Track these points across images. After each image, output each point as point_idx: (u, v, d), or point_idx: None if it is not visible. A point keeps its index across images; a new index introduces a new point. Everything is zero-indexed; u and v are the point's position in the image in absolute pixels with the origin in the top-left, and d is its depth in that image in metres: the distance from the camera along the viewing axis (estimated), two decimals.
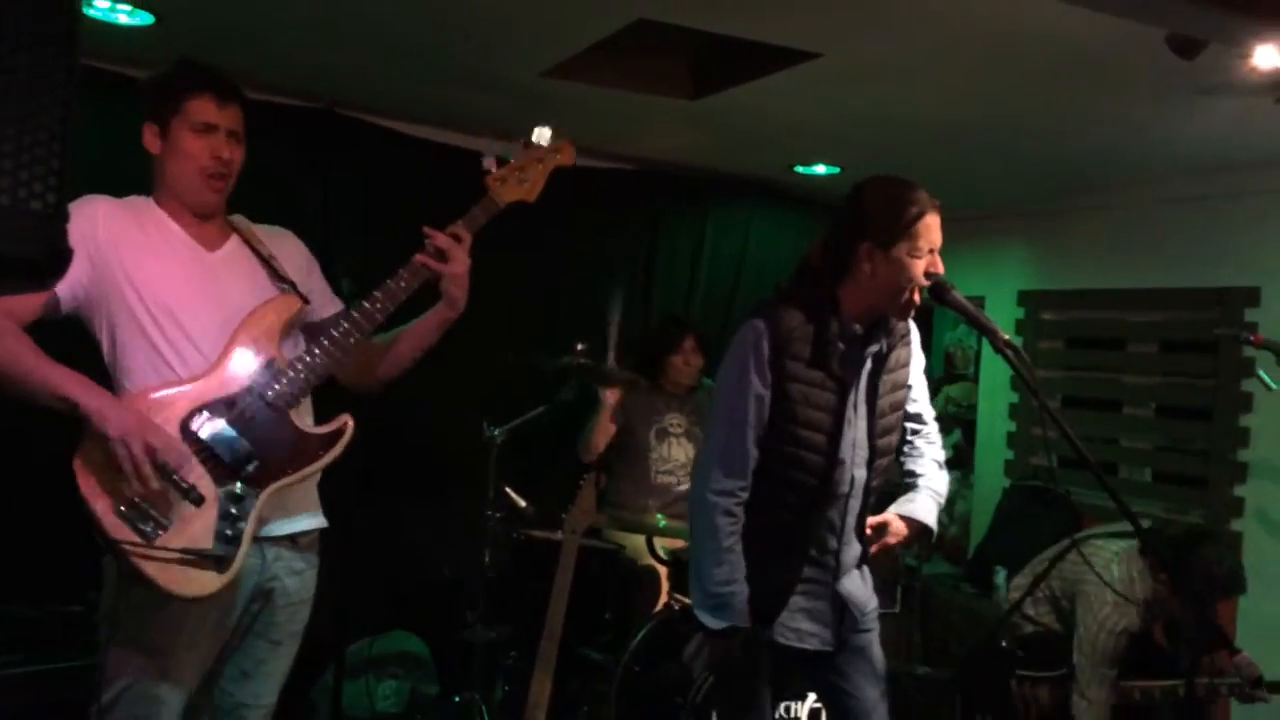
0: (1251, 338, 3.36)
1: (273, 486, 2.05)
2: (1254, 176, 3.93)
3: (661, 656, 3.32)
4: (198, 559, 1.92)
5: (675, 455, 4.09)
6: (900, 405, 2.47)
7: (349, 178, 3.99)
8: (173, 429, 1.95)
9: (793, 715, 3.08)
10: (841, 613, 2.40)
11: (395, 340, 2.38)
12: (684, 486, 3.99)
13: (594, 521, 3.33)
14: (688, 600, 3.47)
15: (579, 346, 3.53)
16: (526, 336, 4.10)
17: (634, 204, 4.80)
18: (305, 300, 2.22)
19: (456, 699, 3.56)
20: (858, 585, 2.45)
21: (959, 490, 5.36)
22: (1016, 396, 4.90)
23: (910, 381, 2.49)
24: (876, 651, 2.48)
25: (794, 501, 2.30)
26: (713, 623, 2.25)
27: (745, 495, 2.26)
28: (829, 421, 2.28)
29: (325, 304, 2.38)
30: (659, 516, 3.57)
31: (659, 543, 3.68)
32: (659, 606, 3.49)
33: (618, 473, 4.11)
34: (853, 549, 2.41)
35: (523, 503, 3.50)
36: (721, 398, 2.32)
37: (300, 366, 2.09)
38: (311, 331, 2.28)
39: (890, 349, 2.39)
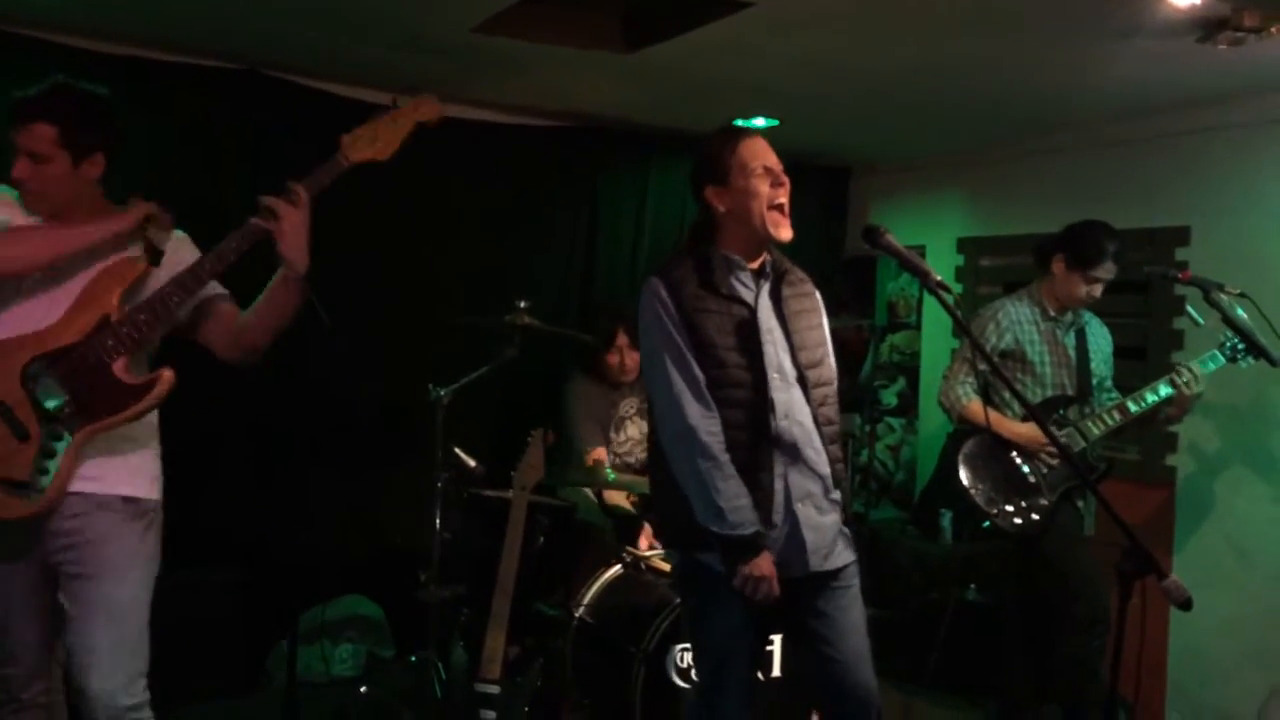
0: (1180, 275, 3.44)
1: (88, 429, 2.26)
2: (1181, 117, 4.00)
3: (614, 607, 3.36)
4: (11, 487, 2.22)
5: (631, 434, 4.11)
6: (823, 343, 2.56)
7: (277, 140, 3.93)
8: (14, 373, 2.23)
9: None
10: (805, 538, 2.40)
11: (253, 310, 2.46)
12: (640, 458, 4.00)
13: (543, 478, 3.34)
14: (638, 551, 3.51)
15: (521, 304, 3.51)
16: (469, 296, 4.08)
17: (574, 161, 4.77)
18: (151, 264, 2.32)
19: (413, 659, 3.57)
20: (826, 517, 2.45)
21: (904, 437, 5.45)
22: (957, 342, 4.98)
23: (822, 323, 2.59)
24: (854, 603, 2.50)
25: (739, 421, 2.36)
26: (745, 529, 2.29)
27: (714, 410, 2.35)
28: (745, 342, 2.39)
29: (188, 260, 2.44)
30: (608, 471, 3.60)
31: (617, 499, 3.71)
32: (610, 559, 3.52)
33: (576, 442, 4.08)
34: (806, 472, 2.43)
35: (472, 462, 3.49)
36: (652, 350, 2.42)
37: (127, 326, 2.27)
38: (196, 318, 2.46)
39: (781, 279, 2.49)
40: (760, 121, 4.60)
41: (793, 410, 2.42)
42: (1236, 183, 3.89)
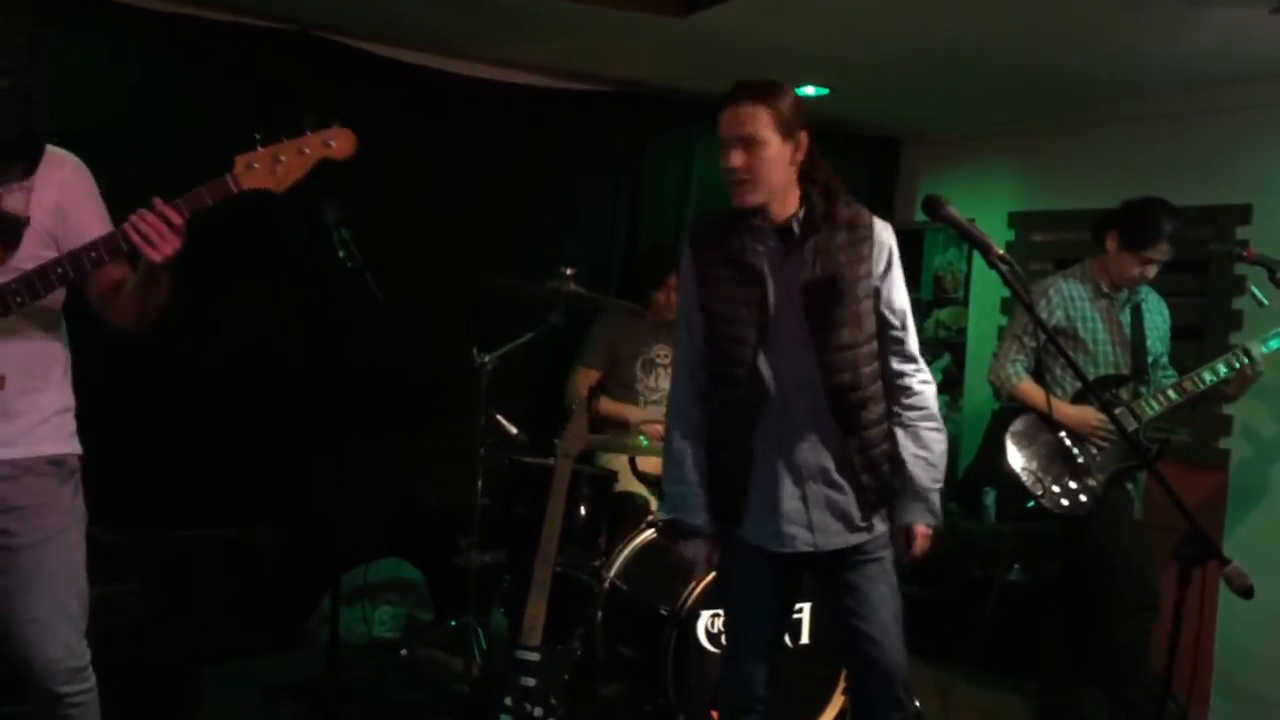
0: (1244, 253, 3.34)
1: None
2: (1246, 91, 3.88)
3: (644, 573, 3.35)
4: None
5: (662, 385, 4.08)
6: (855, 301, 2.33)
7: (325, 102, 3.90)
8: None
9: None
10: (823, 517, 2.35)
11: (125, 296, 2.25)
12: None
13: (586, 446, 3.33)
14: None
15: (567, 271, 3.49)
16: (514, 262, 4.06)
17: (620, 127, 4.73)
18: (6, 246, 2.09)
19: (453, 623, 3.59)
20: (838, 494, 2.37)
21: (948, 414, 5.39)
22: (1005, 319, 4.90)
23: (865, 274, 2.36)
24: (881, 575, 2.42)
25: (736, 398, 2.35)
26: (664, 516, 2.46)
27: (692, 398, 2.42)
28: (754, 315, 2.33)
29: (86, 234, 2.17)
30: (640, 438, 3.58)
31: (644, 466, 3.69)
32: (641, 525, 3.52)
33: (577, 357, 4.13)
34: (813, 448, 2.35)
35: (514, 430, 3.49)
36: (677, 314, 2.52)
37: None
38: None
39: (808, 235, 2.33)
40: (810, 90, 4.52)
41: (799, 382, 2.33)
42: None
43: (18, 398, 2.14)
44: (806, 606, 3.21)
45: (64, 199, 2.17)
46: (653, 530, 3.48)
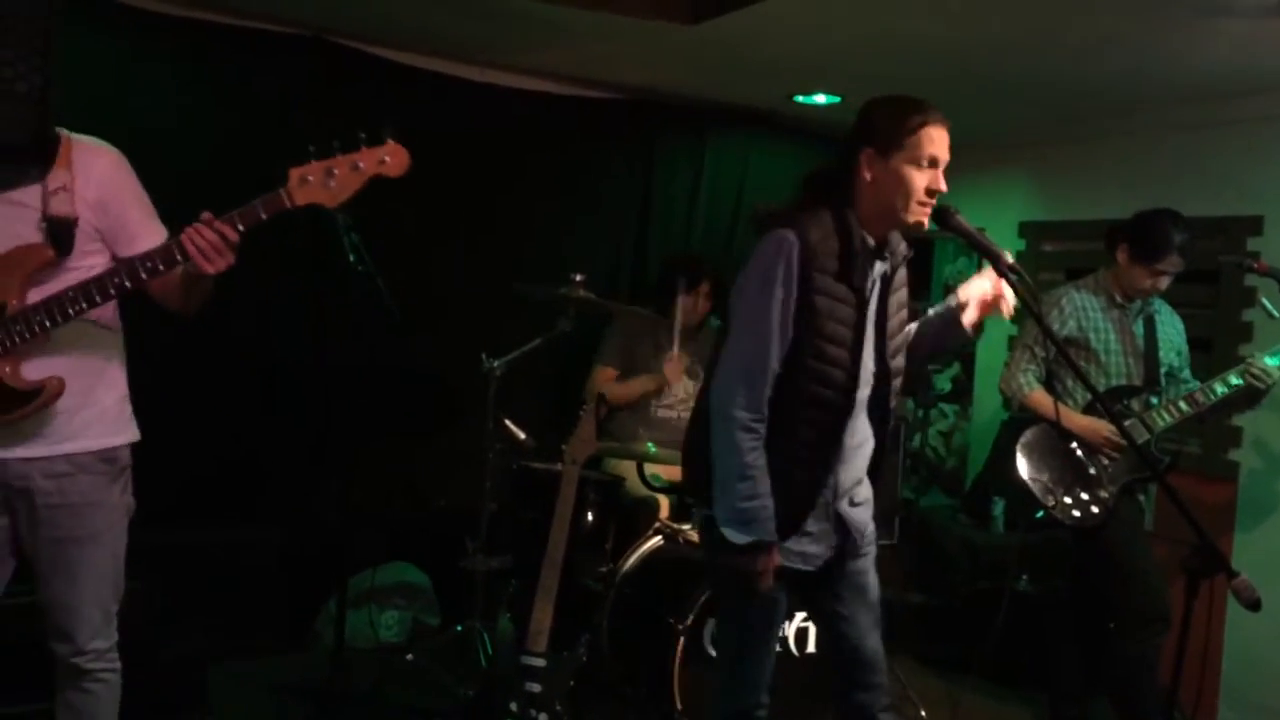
0: (1255, 265, 3.33)
1: None
2: (1256, 102, 3.87)
3: (652, 579, 3.35)
4: None
5: (676, 390, 4.08)
6: (903, 326, 2.47)
7: (340, 107, 3.93)
8: None
9: (779, 634, 3.11)
10: (845, 535, 2.41)
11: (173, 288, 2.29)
12: (686, 418, 3.98)
13: (594, 452, 3.34)
14: (679, 526, 3.50)
15: (577, 278, 3.49)
16: (523, 268, 4.07)
17: (631, 135, 4.74)
18: (60, 250, 2.13)
19: (459, 628, 3.59)
20: (862, 509, 2.45)
21: (957, 423, 5.37)
22: (1015, 328, 4.88)
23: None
24: (872, 578, 2.50)
25: (814, 418, 2.28)
26: (739, 538, 2.23)
27: (766, 411, 2.24)
28: (850, 336, 2.28)
29: (137, 235, 2.23)
30: (649, 444, 3.58)
31: (658, 470, 3.69)
32: (649, 531, 3.52)
33: (595, 356, 4.12)
34: (851, 470, 2.40)
35: (522, 435, 3.49)
36: (746, 308, 2.27)
37: (21, 325, 2.10)
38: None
39: (895, 268, 2.39)
40: (821, 99, 4.54)
41: (859, 408, 2.36)
42: None
43: (74, 397, 2.19)
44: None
45: (105, 193, 2.19)
46: (661, 537, 3.48)
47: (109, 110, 3.51)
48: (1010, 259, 2.21)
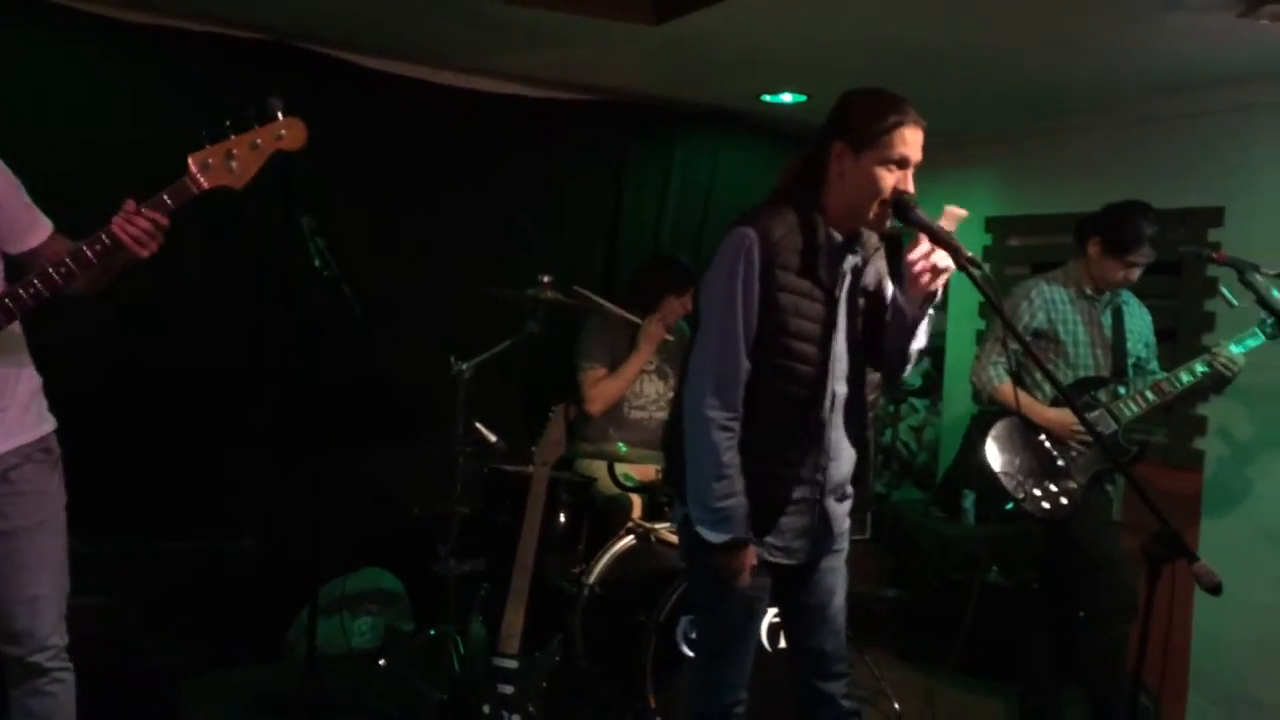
0: (1215, 255, 3.37)
1: None
2: (1217, 94, 3.92)
3: (624, 578, 3.35)
4: None
5: (647, 391, 4.07)
6: (878, 317, 2.45)
7: (305, 113, 3.91)
8: None
9: None
10: (827, 530, 2.41)
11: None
12: (657, 419, 3.99)
13: (564, 453, 3.34)
14: (651, 526, 3.50)
15: (545, 279, 3.49)
16: (492, 269, 4.07)
17: (600, 135, 4.74)
18: None
19: (432, 632, 3.58)
20: (843, 505, 2.46)
21: (927, 418, 5.41)
22: (984, 323, 4.93)
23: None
24: (842, 573, 2.51)
25: (785, 414, 2.29)
26: (715, 537, 2.25)
27: (740, 410, 2.25)
28: (818, 332, 2.29)
29: (28, 230, 2.28)
30: (620, 444, 3.58)
31: (629, 470, 3.70)
32: (621, 531, 3.53)
33: (579, 359, 4.03)
34: (841, 466, 2.41)
35: (492, 437, 3.49)
36: (713, 308, 2.27)
37: None
38: (25, 263, 2.28)
39: (865, 261, 2.39)
40: (788, 97, 4.56)
41: (837, 404, 2.37)
42: (1272, 161, 3.81)
43: (4, 395, 2.23)
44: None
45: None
46: (633, 536, 3.49)
47: (65, 116, 3.52)
48: (970, 253, 2.22)
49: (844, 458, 2.42)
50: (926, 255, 2.25)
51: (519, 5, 3.31)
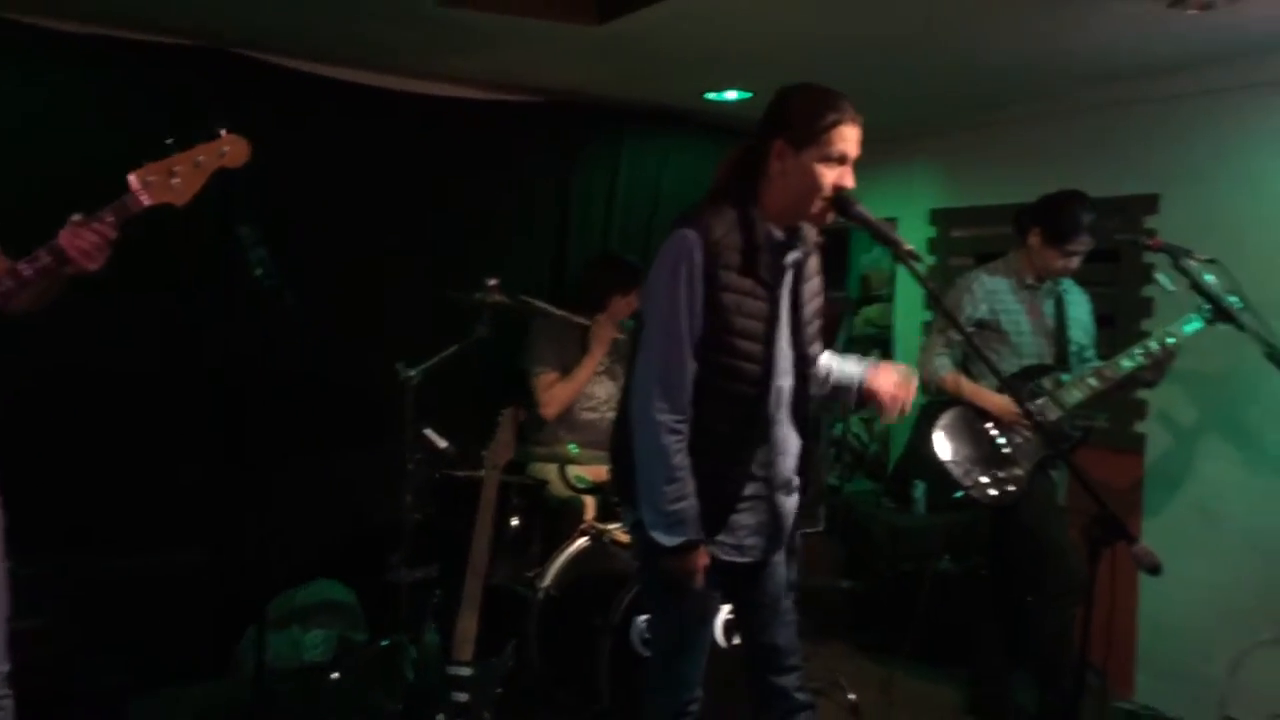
0: (1150, 242, 3.43)
1: None
2: (1150, 83, 3.99)
3: (578, 580, 3.35)
4: None
5: (598, 392, 4.07)
6: (819, 313, 2.49)
7: (242, 120, 3.85)
8: None
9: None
10: (778, 526, 2.43)
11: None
12: (609, 420, 3.98)
13: (515, 456, 3.33)
14: (607, 527, 3.50)
15: (492, 282, 3.48)
16: (440, 273, 4.04)
17: (547, 137, 4.71)
18: None
19: (385, 643, 3.54)
20: (792, 499, 2.47)
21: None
22: (930, 315, 4.98)
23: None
24: (793, 567, 2.53)
25: (732, 413, 2.30)
26: (668, 540, 2.25)
27: (688, 411, 2.25)
28: (762, 330, 2.30)
29: None
30: (571, 445, 3.58)
31: (581, 472, 3.69)
32: (574, 533, 3.52)
33: (530, 364, 4.05)
34: (788, 460, 2.42)
35: (442, 443, 3.46)
36: (656, 310, 2.27)
37: None
38: None
39: (808, 254, 2.41)
40: (732, 95, 4.57)
41: (783, 400, 2.38)
42: (1205, 149, 3.89)
43: None
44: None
45: None
46: (586, 538, 3.48)
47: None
48: (908, 245, 2.24)
49: (791, 451, 2.43)
50: (896, 394, 2.39)
51: (455, 6, 3.28)
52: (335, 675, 3.53)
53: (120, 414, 3.73)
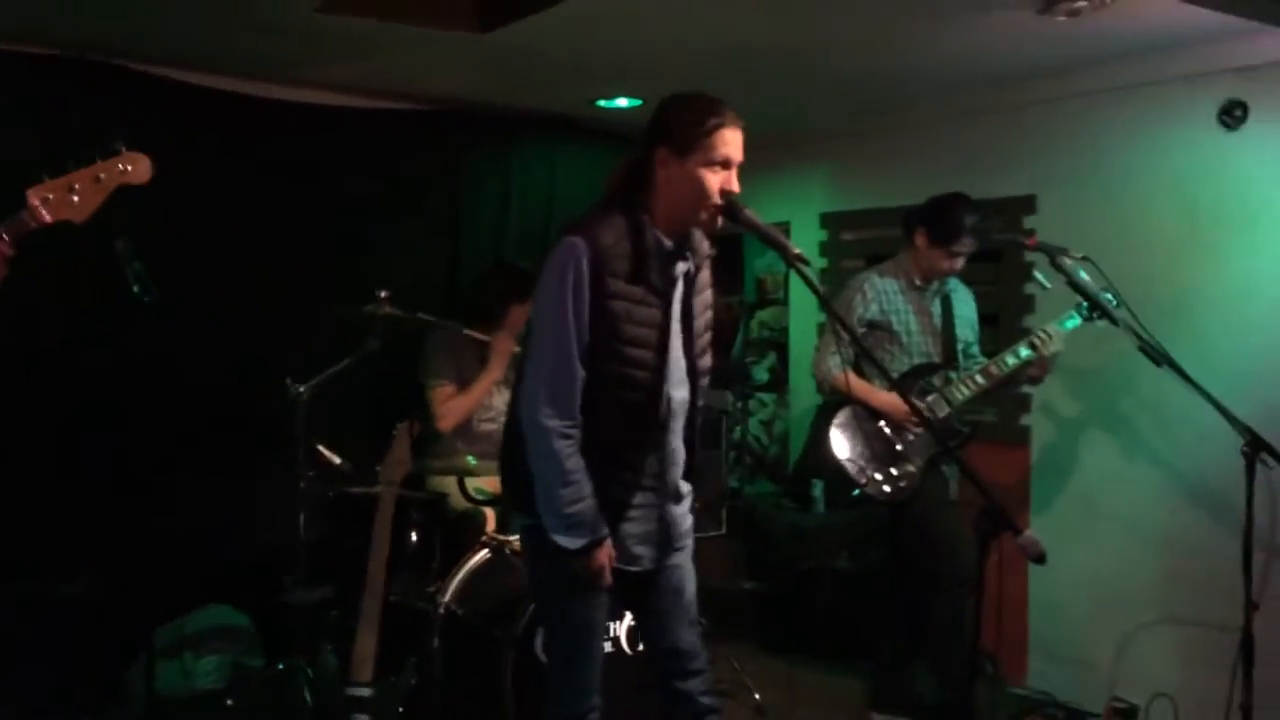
0: (1027, 241, 3.55)
1: None
2: (1026, 88, 4.14)
3: (480, 593, 3.31)
4: None
5: (496, 403, 4.02)
6: (710, 325, 2.50)
7: (122, 132, 3.69)
8: None
9: (611, 635, 3.13)
10: (668, 535, 2.43)
11: None
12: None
13: (412, 470, 3.26)
14: (508, 538, 3.46)
15: (383, 294, 3.41)
16: (328, 286, 3.95)
17: (435, 145, 4.66)
18: None
19: (280, 666, 3.44)
20: (682, 507, 2.49)
21: (776, 411, 5.53)
22: (824, 317, 5.06)
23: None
24: (689, 571, 2.53)
25: (623, 421, 2.30)
26: (571, 542, 2.24)
27: (578, 417, 2.24)
28: (654, 338, 2.30)
29: None
30: (469, 457, 3.53)
31: (480, 483, 3.64)
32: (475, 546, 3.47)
33: (427, 377, 3.94)
34: (679, 470, 2.44)
35: (336, 459, 3.38)
36: (544, 317, 2.26)
37: None
38: None
39: (698, 267, 2.42)
40: (623, 102, 4.58)
41: (675, 409, 2.39)
42: (1078, 151, 4.05)
43: None
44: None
45: None
46: (487, 550, 3.44)
47: None
48: (796, 249, 2.27)
49: (682, 461, 2.44)
50: None
51: (333, 14, 3.21)
52: (230, 702, 3.42)
53: None
